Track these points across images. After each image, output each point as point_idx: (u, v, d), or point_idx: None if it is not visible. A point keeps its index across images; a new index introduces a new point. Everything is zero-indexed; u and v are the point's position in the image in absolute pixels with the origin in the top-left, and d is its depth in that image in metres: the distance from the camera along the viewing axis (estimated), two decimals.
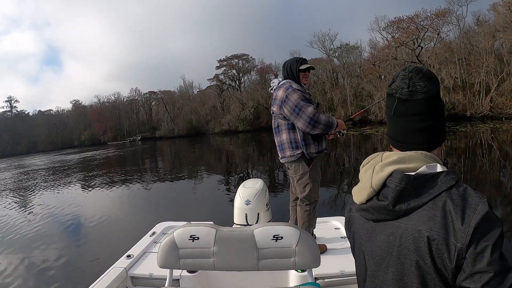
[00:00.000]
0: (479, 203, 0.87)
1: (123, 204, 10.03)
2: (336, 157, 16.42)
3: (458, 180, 0.94)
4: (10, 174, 26.14)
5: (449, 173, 0.95)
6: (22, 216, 9.78)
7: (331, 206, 6.69)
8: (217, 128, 60.40)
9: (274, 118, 3.08)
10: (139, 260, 2.90)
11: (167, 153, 33.33)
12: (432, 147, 1.04)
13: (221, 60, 68.77)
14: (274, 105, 2.98)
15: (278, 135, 3.03)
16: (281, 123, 2.98)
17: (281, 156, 3.04)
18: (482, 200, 0.87)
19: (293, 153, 2.93)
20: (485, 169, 10.00)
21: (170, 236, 1.78)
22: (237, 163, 18.71)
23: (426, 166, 0.96)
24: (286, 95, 2.84)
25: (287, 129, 2.96)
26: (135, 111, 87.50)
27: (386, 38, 42.69)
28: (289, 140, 2.94)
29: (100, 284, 2.43)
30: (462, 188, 0.92)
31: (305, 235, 1.72)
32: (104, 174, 18.67)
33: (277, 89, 2.98)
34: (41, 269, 5.38)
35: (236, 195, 3.47)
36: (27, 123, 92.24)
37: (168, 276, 1.88)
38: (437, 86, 1.02)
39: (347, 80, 47.25)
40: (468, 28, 38.25)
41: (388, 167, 0.99)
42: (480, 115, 30.50)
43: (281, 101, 2.87)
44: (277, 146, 3.06)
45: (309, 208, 3.00)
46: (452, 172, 0.95)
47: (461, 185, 0.93)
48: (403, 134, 1.05)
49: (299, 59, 3.03)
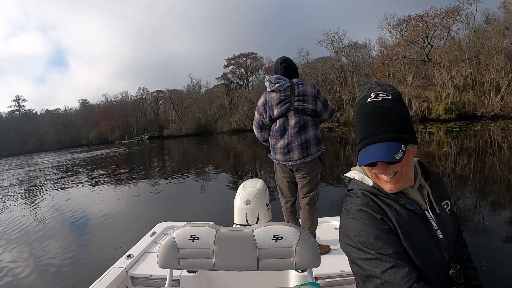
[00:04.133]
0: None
1: (128, 203, 10.04)
2: (337, 156, 16.36)
3: (355, 189, 1.27)
4: (22, 171, 26.47)
5: (352, 181, 1.31)
6: (23, 213, 9.94)
7: (331, 206, 6.62)
8: (225, 127, 60.52)
9: (296, 116, 2.94)
10: (139, 260, 2.90)
11: (175, 152, 33.44)
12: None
13: (229, 59, 69.08)
14: (306, 101, 2.94)
15: (304, 132, 2.93)
16: (309, 120, 2.97)
17: (303, 155, 2.93)
18: (344, 209, 1.26)
19: (319, 148, 3.00)
20: (495, 168, 9.86)
21: (170, 236, 1.77)
22: (245, 162, 18.68)
23: (352, 170, 1.35)
24: (318, 91, 3.01)
25: (314, 126, 2.99)
26: (142, 110, 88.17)
27: (396, 36, 42.49)
28: (316, 136, 2.98)
29: (100, 284, 2.43)
30: (347, 194, 1.30)
31: (305, 235, 1.71)
32: (111, 173, 18.79)
33: (298, 86, 2.97)
34: (40, 268, 5.37)
35: (236, 195, 3.48)
36: (35, 122, 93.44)
37: (168, 276, 1.88)
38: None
39: (355, 79, 46.95)
40: (477, 26, 37.90)
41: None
42: (490, 114, 30.12)
43: (314, 96, 2.97)
44: (298, 145, 2.93)
45: (315, 206, 3.03)
46: (356, 181, 1.28)
47: (349, 192, 1.29)
48: None
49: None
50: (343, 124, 41.57)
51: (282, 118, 2.98)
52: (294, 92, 2.94)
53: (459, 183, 8.37)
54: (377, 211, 1.13)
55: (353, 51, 50.72)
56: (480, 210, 6.08)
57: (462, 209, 6.15)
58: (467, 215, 5.83)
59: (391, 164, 1.10)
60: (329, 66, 50.39)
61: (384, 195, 1.18)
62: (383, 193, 1.18)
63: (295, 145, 2.94)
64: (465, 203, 6.63)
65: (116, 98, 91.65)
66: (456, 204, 6.45)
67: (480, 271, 1.31)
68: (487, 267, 3.71)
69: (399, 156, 1.06)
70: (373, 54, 49.94)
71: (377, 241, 1.06)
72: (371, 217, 1.11)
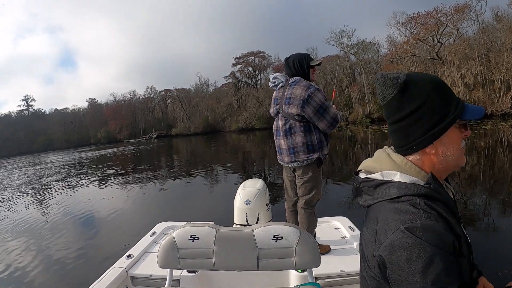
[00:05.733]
0: (393, 231, 0.86)
1: (134, 201, 10.09)
2: (337, 155, 16.30)
3: (409, 196, 0.92)
4: (35, 169, 26.78)
5: (399, 185, 0.94)
6: (25, 211, 10.12)
7: (331, 206, 6.58)
8: (233, 126, 60.60)
9: (283, 118, 2.85)
10: (139, 260, 2.90)
11: (183, 150, 33.55)
12: (403, 151, 1.02)
13: (237, 58, 69.19)
14: (291, 105, 2.76)
15: (290, 137, 2.81)
16: (296, 125, 2.79)
17: (291, 160, 2.86)
18: (399, 229, 0.86)
19: (309, 156, 2.79)
20: (505, 168, 9.72)
21: (170, 236, 1.77)
22: (253, 161, 18.65)
23: (381, 173, 1.00)
24: (309, 95, 2.69)
25: (302, 132, 2.78)
26: (150, 109, 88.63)
27: (405, 34, 42.15)
28: (305, 143, 2.78)
29: (100, 284, 2.43)
30: (400, 204, 0.91)
31: (305, 235, 1.71)
32: (119, 172, 18.97)
33: (290, 87, 2.81)
34: (40, 268, 5.39)
35: (236, 195, 3.47)
36: (44, 121, 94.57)
37: (168, 276, 1.88)
38: (392, 90, 0.98)
39: (364, 77, 46.66)
40: (487, 23, 37.52)
41: (363, 164, 1.09)
42: (501, 112, 29.79)
43: (303, 100, 2.69)
44: (286, 149, 2.86)
45: (311, 210, 2.94)
46: (409, 185, 0.94)
47: (405, 201, 0.91)
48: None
49: (306, 54, 2.93)
50: (352, 123, 41.44)
51: (276, 118, 2.97)
52: (285, 93, 2.84)
53: (468, 183, 8.25)
54: (447, 229, 0.86)
55: (361, 49, 50.43)
56: (490, 211, 5.99)
57: (472, 209, 6.06)
58: (477, 215, 5.74)
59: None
60: (338, 64, 49.98)
61: (442, 195, 0.94)
62: (441, 193, 0.94)
63: (284, 149, 2.89)
64: (474, 202, 6.54)
65: (125, 97, 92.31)
66: (466, 204, 6.37)
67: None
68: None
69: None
70: (381, 52, 49.75)
71: (447, 277, 0.80)
72: (443, 242, 0.83)
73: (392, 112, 1.00)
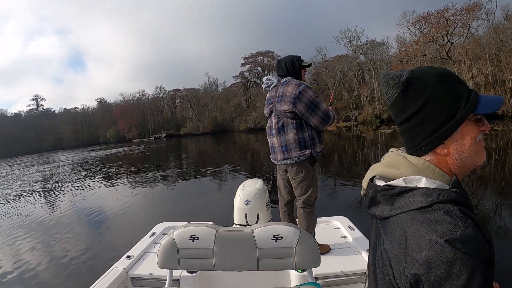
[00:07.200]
0: (430, 246, 0.74)
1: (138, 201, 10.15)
2: (354, 156, 16.22)
3: (440, 203, 0.80)
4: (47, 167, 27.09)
5: (427, 192, 0.83)
6: (28, 210, 10.23)
7: (331, 206, 6.53)
8: (242, 126, 60.76)
9: (276, 117, 2.92)
10: (139, 260, 2.90)
11: (191, 150, 33.69)
12: (412, 153, 0.93)
13: (246, 58, 69.35)
14: (283, 102, 2.83)
15: (282, 135, 2.87)
16: (288, 122, 2.85)
17: (284, 157, 2.89)
18: (437, 243, 0.73)
19: (301, 153, 2.82)
20: None
21: (170, 237, 1.77)
22: (262, 161, 18.63)
23: (404, 178, 0.88)
24: (300, 92, 2.76)
25: (294, 128, 2.84)
26: (159, 108, 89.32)
27: (415, 34, 41.87)
28: (297, 139, 2.83)
29: (100, 284, 2.43)
30: (433, 214, 0.79)
31: (305, 235, 1.71)
32: (128, 171, 19.12)
33: (282, 86, 2.89)
34: (40, 268, 5.40)
35: (236, 195, 3.50)
36: (53, 120, 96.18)
37: (168, 276, 1.88)
38: (395, 90, 0.91)
39: (374, 77, 46.39)
40: (497, 23, 37.05)
41: (376, 169, 0.96)
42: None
43: (294, 97, 2.76)
44: (279, 146, 2.91)
45: (310, 209, 2.95)
46: (438, 191, 0.82)
47: (437, 210, 0.79)
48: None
49: (297, 56, 3.03)
50: (361, 123, 41.23)
51: (269, 118, 3.02)
52: (277, 92, 2.91)
53: (479, 184, 8.14)
54: (482, 237, 0.77)
55: (370, 49, 50.18)
56: (501, 213, 5.89)
57: (482, 211, 5.97)
58: (487, 218, 5.65)
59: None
60: (347, 64, 49.80)
61: (468, 200, 0.86)
62: (466, 198, 0.86)
63: (277, 147, 2.93)
64: (485, 205, 6.44)
65: (133, 97, 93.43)
66: (476, 207, 6.28)
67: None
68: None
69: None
70: (391, 51, 49.47)
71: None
72: (483, 253, 0.75)
73: (397, 113, 0.94)
